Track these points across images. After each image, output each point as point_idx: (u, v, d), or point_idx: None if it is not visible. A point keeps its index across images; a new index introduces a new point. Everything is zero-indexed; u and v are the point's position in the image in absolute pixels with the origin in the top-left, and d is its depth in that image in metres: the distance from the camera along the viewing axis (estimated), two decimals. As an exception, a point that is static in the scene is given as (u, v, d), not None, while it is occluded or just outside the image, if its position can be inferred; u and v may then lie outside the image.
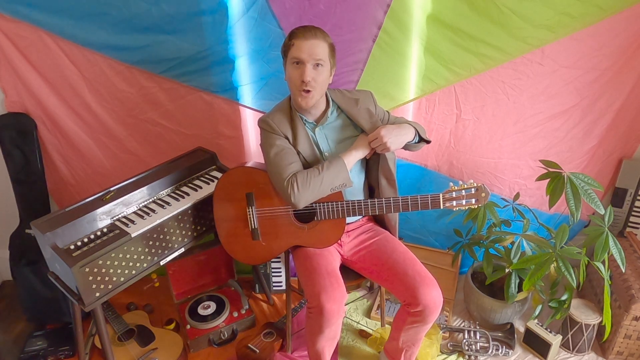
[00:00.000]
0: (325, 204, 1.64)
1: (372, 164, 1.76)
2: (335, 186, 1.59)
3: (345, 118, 1.72)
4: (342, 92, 1.74)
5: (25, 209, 2.16)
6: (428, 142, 1.75)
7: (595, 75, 1.98)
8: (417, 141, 1.72)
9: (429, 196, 1.59)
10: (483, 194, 1.58)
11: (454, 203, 1.60)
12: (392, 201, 1.62)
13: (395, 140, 1.61)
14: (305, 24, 1.56)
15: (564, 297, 1.93)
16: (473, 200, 1.59)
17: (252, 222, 1.73)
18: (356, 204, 1.63)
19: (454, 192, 1.59)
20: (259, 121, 1.68)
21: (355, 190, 1.75)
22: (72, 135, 2.10)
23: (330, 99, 1.69)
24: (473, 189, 1.59)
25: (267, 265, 2.34)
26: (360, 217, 1.84)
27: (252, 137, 2.17)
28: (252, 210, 1.72)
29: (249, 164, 1.76)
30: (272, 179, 1.63)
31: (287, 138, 1.65)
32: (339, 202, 1.64)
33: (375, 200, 1.62)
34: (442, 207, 1.59)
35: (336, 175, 1.58)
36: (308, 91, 1.55)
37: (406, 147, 1.72)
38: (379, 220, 1.86)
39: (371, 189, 1.82)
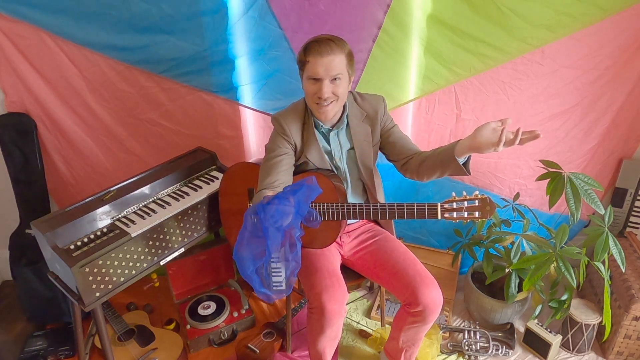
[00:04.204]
0: (319, 204, 1.61)
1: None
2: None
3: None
4: (354, 99, 1.67)
5: (25, 209, 2.16)
6: (468, 173, 1.53)
7: (596, 75, 1.98)
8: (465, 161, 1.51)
9: (426, 205, 1.49)
10: (488, 208, 1.47)
11: (454, 215, 1.48)
12: (387, 207, 1.54)
13: None
14: (305, 24, 1.55)
15: (564, 297, 1.93)
16: (476, 214, 1.47)
17: None
18: (350, 208, 1.57)
19: (454, 203, 1.48)
20: (272, 117, 1.65)
21: (355, 193, 1.74)
22: (72, 135, 2.10)
23: (346, 103, 1.63)
24: (477, 201, 1.47)
25: (267, 265, 2.34)
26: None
27: (252, 137, 2.17)
28: None
29: (253, 160, 1.76)
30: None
31: (295, 143, 1.62)
32: (333, 204, 1.59)
33: (370, 205, 1.56)
34: (439, 217, 1.48)
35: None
36: (327, 104, 1.51)
37: (449, 169, 1.54)
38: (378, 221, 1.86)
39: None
